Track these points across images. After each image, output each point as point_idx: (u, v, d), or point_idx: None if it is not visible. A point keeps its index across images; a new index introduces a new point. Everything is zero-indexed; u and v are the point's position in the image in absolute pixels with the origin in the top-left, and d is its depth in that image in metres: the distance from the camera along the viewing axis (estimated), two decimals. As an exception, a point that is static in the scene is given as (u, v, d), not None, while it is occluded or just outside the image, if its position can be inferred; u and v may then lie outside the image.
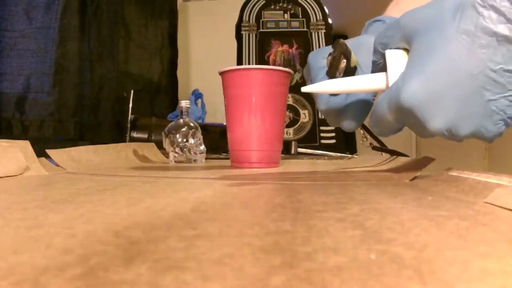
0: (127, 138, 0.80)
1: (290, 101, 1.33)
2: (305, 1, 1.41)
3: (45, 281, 0.10)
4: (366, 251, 0.13)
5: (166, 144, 0.63)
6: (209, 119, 0.99)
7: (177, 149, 0.59)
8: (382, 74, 0.30)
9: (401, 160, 0.51)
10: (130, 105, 0.81)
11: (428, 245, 0.14)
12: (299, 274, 0.11)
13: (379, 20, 0.41)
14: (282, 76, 0.51)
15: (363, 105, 0.35)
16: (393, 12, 0.44)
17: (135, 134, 0.81)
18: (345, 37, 1.63)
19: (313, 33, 1.44)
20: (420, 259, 0.12)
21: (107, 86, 1.01)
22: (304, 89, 0.33)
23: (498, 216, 0.18)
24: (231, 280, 0.10)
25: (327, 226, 0.16)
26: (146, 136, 0.81)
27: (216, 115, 1.17)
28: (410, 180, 0.33)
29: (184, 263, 0.12)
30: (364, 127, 0.47)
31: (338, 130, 1.37)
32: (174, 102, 1.29)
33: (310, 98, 1.40)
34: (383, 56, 0.30)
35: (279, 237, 0.15)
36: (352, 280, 0.10)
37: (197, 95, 0.98)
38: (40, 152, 0.41)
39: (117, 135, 1.02)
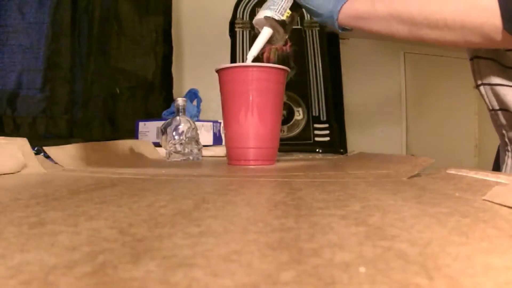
0: None
1: (284, 99, 1.33)
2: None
3: (54, 279, 0.10)
4: (372, 247, 0.13)
5: (162, 141, 0.63)
6: (201, 117, 0.98)
7: (174, 146, 0.59)
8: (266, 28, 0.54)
9: (398, 158, 0.51)
10: None
11: (432, 241, 0.14)
12: (307, 270, 0.11)
13: None
14: (279, 74, 0.51)
15: None
16: None
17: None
18: (336, 36, 1.62)
19: (307, 31, 1.44)
20: (425, 255, 0.12)
21: (99, 82, 1.00)
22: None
23: (497, 213, 0.18)
24: (241, 276, 0.10)
25: (331, 223, 0.16)
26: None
27: (208, 113, 1.16)
28: (408, 178, 0.33)
29: (193, 260, 0.12)
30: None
31: (332, 128, 1.37)
32: (168, 99, 1.28)
33: (304, 96, 1.40)
34: None
35: (284, 234, 0.15)
36: (360, 275, 0.11)
37: (193, 94, 0.97)
38: (33, 149, 0.40)
39: (109, 132, 1.01)
